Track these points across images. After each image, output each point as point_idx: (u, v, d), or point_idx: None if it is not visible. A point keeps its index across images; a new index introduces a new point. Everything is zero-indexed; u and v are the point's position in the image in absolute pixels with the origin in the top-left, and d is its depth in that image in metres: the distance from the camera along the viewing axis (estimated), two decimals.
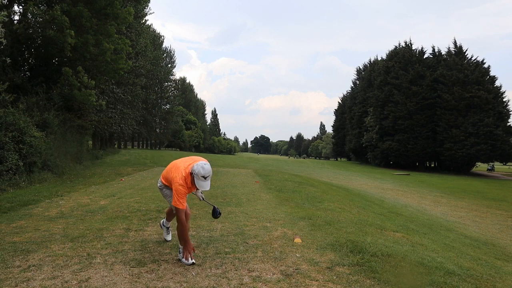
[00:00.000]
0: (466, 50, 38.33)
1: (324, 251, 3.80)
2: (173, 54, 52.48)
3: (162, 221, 4.25)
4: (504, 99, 35.95)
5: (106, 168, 16.31)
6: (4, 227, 4.87)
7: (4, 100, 10.70)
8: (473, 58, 37.63)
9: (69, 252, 3.72)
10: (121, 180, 11.35)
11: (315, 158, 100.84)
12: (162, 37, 47.17)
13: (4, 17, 11.88)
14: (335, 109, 69.91)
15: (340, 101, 68.53)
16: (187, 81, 76.38)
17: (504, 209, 12.21)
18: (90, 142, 27.42)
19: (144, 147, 58.11)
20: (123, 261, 3.45)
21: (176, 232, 4.56)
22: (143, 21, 32.54)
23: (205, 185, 3.37)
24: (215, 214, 3.74)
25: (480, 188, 20.79)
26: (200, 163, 3.39)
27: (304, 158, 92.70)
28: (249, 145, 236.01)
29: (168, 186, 3.71)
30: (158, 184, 3.91)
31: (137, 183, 10.48)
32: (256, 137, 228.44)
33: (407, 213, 8.98)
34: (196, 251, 3.76)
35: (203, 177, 3.34)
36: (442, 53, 40.56)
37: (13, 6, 14.07)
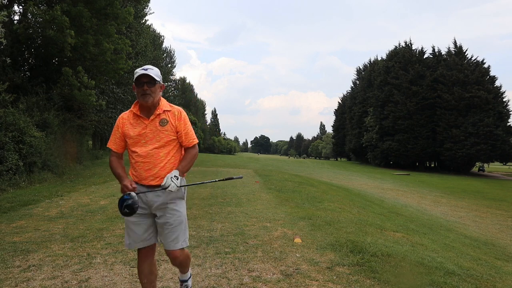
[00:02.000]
0: (466, 50, 38.35)
1: (324, 251, 3.79)
2: (173, 54, 52.45)
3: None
4: (504, 99, 35.97)
5: (106, 168, 16.31)
6: (4, 227, 4.86)
7: (4, 100, 10.70)
8: (473, 58, 37.66)
9: (69, 252, 3.72)
10: None
11: (315, 158, 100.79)
12: (162, 37, 47.13)
13: (4, 17, 11.86)
14: (335, 109, 69.92)
15: (340, 101, 68.52)
16: (187, 81, 76.25)
17: (504, 209, 12.20)
18: (90, 142, 27.43)
19: None
20: (123, 261, 3.45)
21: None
22: (143, 21, 32.51)
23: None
24: (120, 205, 2.14)
25: (480, 188, 20.78)
26: None
27: (304, 158, 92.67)
28: (249, 145, 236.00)
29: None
30: None
31: None
32: (256, 137, 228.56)
33: (407, 213, 8.97)
34: (195, 251, 3.76)
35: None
36: (442, 53, 40.57)
37: (13, 6, 14.05)
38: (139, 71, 2.25)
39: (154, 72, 2.27)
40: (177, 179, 2.21)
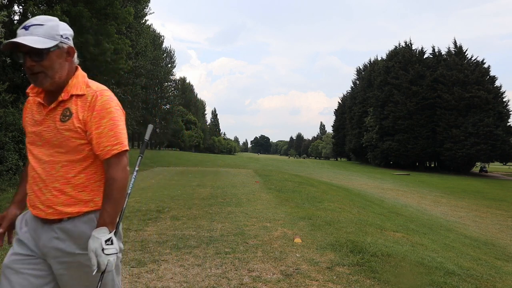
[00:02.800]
0: (466, 50, 38.42)
1: (324, 251, 3.79)
2: (173, 54, 52.44)
3: None
4: (504, 99, 36.07)
5: None
6: None
7: (4, 100, 10.70)
8: (473, 58, 37.72)
9: None
10: None
11: (315, 158, 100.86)
12: (162, 37, 47.19)
13: (4, 17, 11.86)
14: (335, 109, 70.00)
15: (340, 101, 68.58)
16: (187, 81, 76.33)
17: (504, 209, 12.21)
18: None
19: None
20: (123, 261, 3.44)
21: (177, 231, 4.56)
22: (143, 21, 32.53)
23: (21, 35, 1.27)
24: None
25: (480, 188, 20.79)
26: None
27: (304, 158, 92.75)
28: (249, 145, 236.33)
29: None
30: None
31: (137, 183, 10.49)
32: (256, 137, 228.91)
33: (407, 213, 8.98)
34: (197, 250, 3.76)
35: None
36: (442, 53, 40.65)
37: (13, 6, 14.07)
38: (18, 33, 1.26)
39: (43, 31, 1.25)
40: (111, 242, 1.23)
